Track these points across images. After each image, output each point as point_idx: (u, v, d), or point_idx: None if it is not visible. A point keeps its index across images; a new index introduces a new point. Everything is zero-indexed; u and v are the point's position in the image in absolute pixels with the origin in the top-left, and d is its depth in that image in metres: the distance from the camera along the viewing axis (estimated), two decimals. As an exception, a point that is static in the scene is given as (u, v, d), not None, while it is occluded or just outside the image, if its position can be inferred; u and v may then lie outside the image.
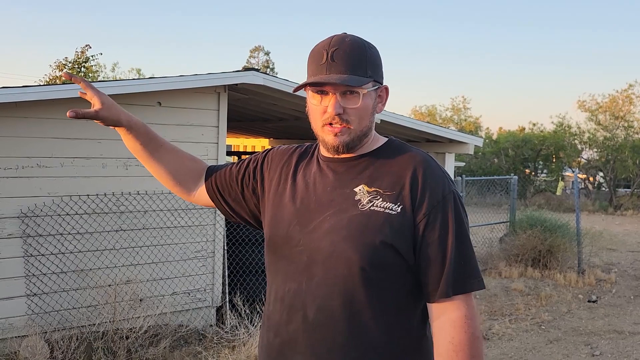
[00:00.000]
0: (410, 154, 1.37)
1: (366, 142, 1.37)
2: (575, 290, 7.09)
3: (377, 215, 1.28)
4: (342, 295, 1.28)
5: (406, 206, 1.29)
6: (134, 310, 4.58)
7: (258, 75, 5.06)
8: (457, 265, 1.28)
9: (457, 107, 28.12)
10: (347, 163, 1.37)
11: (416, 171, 1.31)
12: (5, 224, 4.12)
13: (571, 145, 20.28)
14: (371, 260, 1.27)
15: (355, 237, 1.28)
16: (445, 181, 1.33)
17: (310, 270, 1.31)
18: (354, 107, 1.30)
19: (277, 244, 1.39)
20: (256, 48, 42.08)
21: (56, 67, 15.94)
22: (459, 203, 1.34)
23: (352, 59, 1.29)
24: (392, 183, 1.31)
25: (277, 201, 1.43)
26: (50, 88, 4.62)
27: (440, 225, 1.29)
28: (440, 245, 1.29)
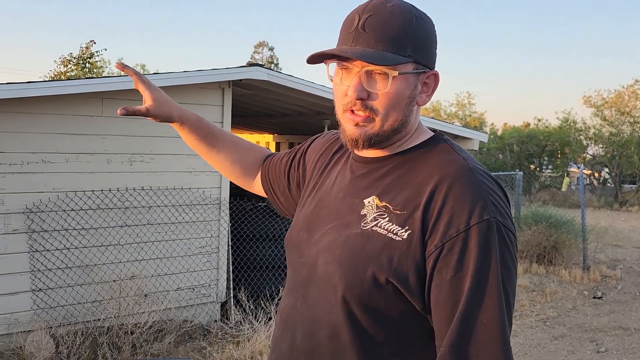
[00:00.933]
0: (443, 160, 1.03)
1: (402, 139, 1.08)
2: (580, 286, 7.07)
3: (378, 238, 1.00)
4: (329, 327, 1.05)
5: (415, 232, 0.97)
6: (139, 305, 4.59)
7: (262, 71, 5.05)
8: (466, 322, 0.93)
9: (461, 102, 28.05)
10: (371, 164, 1.10)
11: (440, 185, 0.98)
12: (11, 220, 4.14)
13: (576, 141, 20.19)
14: (358, 296, 1.00)
15: (347, 261, 1.02)
16: (480, 205, 0.95)
17: (307, 288, 1.10)
18: (381, 92, 1.01)
19: (289, 248, 1.20)
20: (260, 44, 42.05)
21: (61, 63, 15.96)
22: (497, 239, 0.95)
23: (388, 31, 0.99)
24: (407, 199, 1.01)
25: (303, 199, 1.25)
26: (54, 84, 4.63)
27: (457, 262, 0.94)
28: (453, 290, 0.94)
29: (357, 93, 1.01)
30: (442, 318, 0.96)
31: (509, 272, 0.96)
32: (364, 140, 1.04)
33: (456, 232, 0.94)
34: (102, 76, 15.74)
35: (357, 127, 1.04)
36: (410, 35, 1.01)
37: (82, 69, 15.95)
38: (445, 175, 1.00)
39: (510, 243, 0.97)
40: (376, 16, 1.00)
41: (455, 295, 0.94)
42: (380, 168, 1.08)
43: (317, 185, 1.22)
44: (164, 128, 4.80)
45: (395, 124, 1.04)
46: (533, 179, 20.03)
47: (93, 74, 16.17)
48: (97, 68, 16.87)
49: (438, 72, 1.08)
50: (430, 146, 1.07)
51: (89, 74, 15.92)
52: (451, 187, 0.98)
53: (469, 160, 1.03)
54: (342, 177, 1.15)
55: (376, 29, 1.00)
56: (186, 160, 4.94)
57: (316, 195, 1.20)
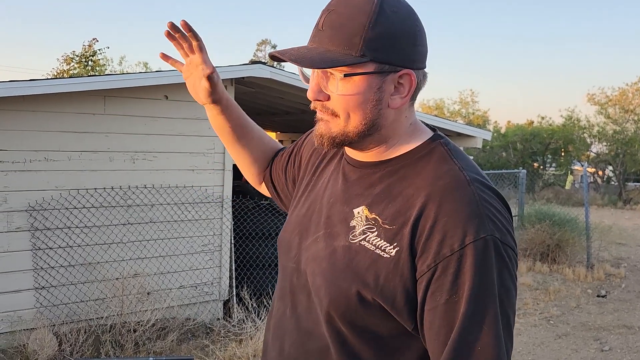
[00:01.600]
0: (440, 170, 0.94)
1: (385, 142, 0.99)
2: (584, 285, 7.04)
3: (365, 254, 0.93)
4: (319, 340, 0.99)
5: (403, 249, 0.90)
6: (142, 303, 4.59)
7: (265, 69, 5.03)
8: (460, 350, 0.86)
9: (465, 100, 27.98)
10: (363, 169, 1.03)
11: (431, 200, 0.90)
12: (14, 218, 4.14)
13: (580, 139, 20.15)
14: (343, 313, 0.94)
15: (332, 276, 0.96)
16: (476, 222, 0.87)
17: (296, 296, 1.05)
18: (335, 94, 0.94)
19: (279, 251, 1.14)
20: (263, 41, 42.03)
21: (64, 61, 16.00)
22: (494, 258, 0.87)
23: (342, 28, 0.91)
24: (396, 212, 0.93)
25: (296, 197, 1.19)
26: (57, 82, 4.63)
27: (452, 285, 0.86)
28: (447, 314, 0.87)
29: (314, 94, 0.97)
30: (436, 344, 0.89)
31: (508, 292, 0.89)
32: (327, 139, 0.98)
33: (450, 251, 0.87)
34: (104, 74, 15.76)
35: (322, 122, 0.98)
36: (365, 33, 0.90)
37: (84, 66, 15.99)
38: (438, 188, 0.91)
39: (509, 261, 0.89)
40: (336, 13, 0.93)
41: (450, 320, 0.87)
42: (372, 174, 1.00)
43: (310, 185, 1.16)
44: (166, 126, 4.80)
45: (361, 126, 0.95)
46: (536, 177, 19.99)
47: (96, 72, 16.19)
48: (99, 66, 16.89)
49: (412, 72, 0.95)
50: (425, 152, 0.99)
51: (92, 72, 15.94)
52: (443, 202, 0.89)
53: (465, 169, 0.94)
54: (334, 181, 1.08)
55: (332, 27, 0.92)
56: (189, 158, 4.93)
57: (309, 197, 1.13)
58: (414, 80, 0.95)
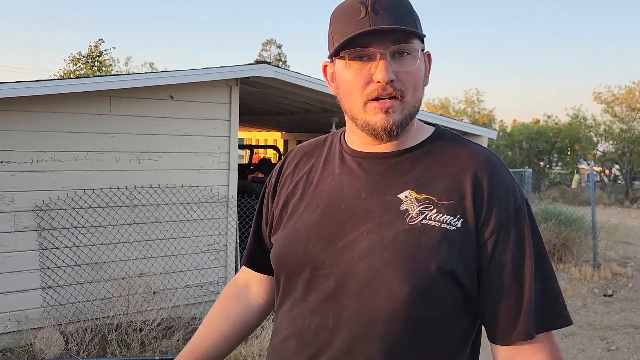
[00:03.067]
0: (469, 150, 1.05)
1: (410, 128, 1.06)
2: (590, 284, 7.01)
3: (432, 231, 0.97)
4: (382, 337, 0.97)
5: (469, 220, 0.98)
6: (147, 302, 4.61)
7: (270, 69, 5.05)
8: (541, 296, 1.00)
9: (470, 99, 27.90)
10: (386, 160, 1.05)
11: (480, 175, 1.01)
12: (21, 217, 4.17)
13: (586, 138, 20.05)
14: (424, 293, 0.96)
15: (404, 260, 0.96)
16: (516, 188, 1.03)
17: (339, 301, 1.00)
18: (410, 71, 0.99)
19: (291, 267, 1.07)
20: (268, 41, 42.07)
21: (70, 62, 16.05)
22: (531, 214, 1.04)
23: (399, 9, 0.98)
24: (448, 189, 1.00)
25: (289, 215, 1.12)
26: (63, 82, 4.65)
27: (515, 244, 0.99)
28: (516, 271, 0.99)
29: (388, 75, 0.96)
30: (507, 298, 0.99)
31: (541, 240, 1.05)
32: (397, 127, 1.00)
33: (507, 216, 0.99)
34: (110, 74, 15.82)
35: (387, 115, 0.99)
36: (414, 13, 1.01)
37: (91, 67, 16.04)
38: (480, 164, 1.03)
39: (531, 213, 1.05)
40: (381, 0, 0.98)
41: (519, 273, 0.99)
42: (399, 163, 1.04)
43: (307, 192, 1.11)
44: (172, 126, 4.81)
45: (417, 104, 1.03)
46: (542, 176, 19.92)
47: (102, 73, 16.25)
48: (105, 66, 16.95)
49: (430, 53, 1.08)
50: (441, 139, 1.08)
51: (98, 73, 16.00)
52: (492, 175, 1.02)
53: (485, 148, 1.09)
54: (352, 177, 1.06)
55: (389, 9, 0.97)
56: (194, 158, 4.95)
57: (315, 202, 1.08)
58: (431, 59, 1.08)
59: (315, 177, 1.12)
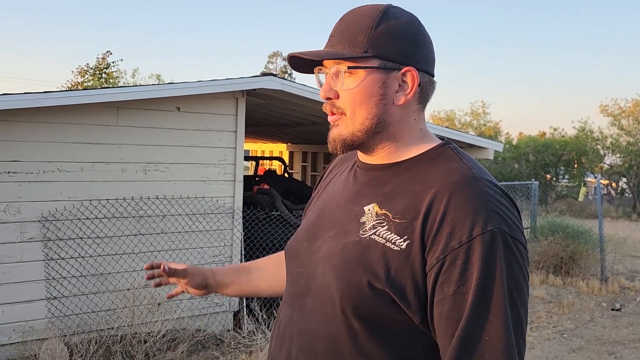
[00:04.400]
0: (447, 169, 0.98)
1: (394, 143, 1.05)
2: (598, 298, 6.95)
3: (376, 247, 0.96)
4: (327, 340, 1.00)
5: (414, 242, 0.93)
6: (152, 314, 4.60)
7: (276, 81, 5.07)
8: (468, 339, 0.88)
9: (476, 112, 27.90)
10: (372, 172, 1.08)
11: (439, 195, 0.94)
12: (27, 228, 4.18)
13: (593, 151, 19.98)
14: (355, 306, 0.96)
15: (342, 270, 0.99)
16: (484, 215, 0.90)
17: (304, 299, 1.06)
18: (342, 90, 1.02)
19: (287, 259, 1.17)
20: (274, 54, 42.31)
21: (78, 74, 16.20)
22: (502, 251, 0.89)
23: (348, 31, 1.01)
24: (407, 207, 0.96)
25: (308, 212, 1.24)
26: (71, 94, 4.68)
27: (460, 276, 0.89)
28: (455, 305, 0.89)
29: (324, 92, 1.05)
30: (445, 335, 0.91)
31: (519, 285, 0.90)
32: (340, 142, 1.05)
33: (458, 243, 0.89)
34: (117, 86, 15.93)
35: (333, 128, 1.06)
36: (368, 32, 1.00)
37: (98, 79, 16.17)
38: (446, 183, 0.95)
39: (519, 256, 0.91)
40: (345, 20, 1.04)
41: (458, 311, 0.89)
42: (383, 175, 1.05)
43: (318, 195, 1.22)
44: (178, 137, 4.83)
45: (367, 123, 1.02)
46: (549, 189, 19.83)
47: (109, 84, 16.38)
48: (113, 78, 17.09)
49: (415, 70, 1.01)
50: (435, 154, 1.03)
51: (106, 84, 16.12)
52: (452, 196, 0.93)
53: (474, 168, 0.98)
54: (345, 185, 1.13)
55: (341, 31, 1.03)
56: (200, 169, 4.96)
57: (317, 205, 1.18)
58: (416, 77, 1.02)
59: (332, 182, 1.21)
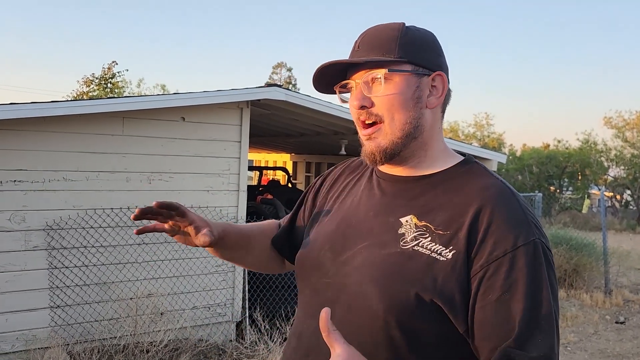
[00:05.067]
0: (483, 184, 1.02)
1: (424, 152, 1.08)
2: (602, 310, 6.91)
3: (421, 258, 0.98)
4: (363, 349, 0.97)
5: (460, 252, 0.96)
6: (155, 323, 4.60)
7: (280, 91, 5.10)
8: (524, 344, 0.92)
9: (480, 123, 27.92)
10: (401, 184, 1.09)
11: (483, 208, 0.97)
12: (31, 237, 4.20)
13: (597, 163, 19.95)
14: (400, 317, 0.96)
15: (385, 281, 0.98)
16: (524, 227, 0.96)
17: (333, 310, 1.02)
18: (379, 96, 1.04)
19: (304, 269, 1.14)
20: (279, 64, 42.53)
21: (83, 83, 16.30)
22: (543, 260, 0.95)
23: (376, 41, 1.06)
24: (449, 220, 0.99)
25: (318, 220, 1.21)
26: (77, 103, 4.72)
27: (504, 282, 0.92)
28: (498, 311, 0.93)
29: (358, 102, 1.05)
30: (488, 340, 0.94)
31: (556, 294, 0.97)
32: (380, 153, 1.06)
33: (503, 252, 0.94)
34: (123, 96, 16.02)
35: (370, 141, 1.07)
36: (398, 40, 1.05)
37: (104, 88, 16.27)
38: (488, 197, 0.99)
39: (553, 265, 0.99)
40: (368, 35, 1.09)
41: (502, 317, 0.92)
42: (414, 188, 1.07)
43: (335, 205, 1.19)
44: (183, 147, 4.86)
45: (405, 127, 1.05)
46: (553, 201, 19.78)
47: (114, 94, 16.47)
48: (118, 88, 17.19)
49: (444, 73, 1.08)
50: (464, 169, 1.07)
51: (111, 94, 16.22)
52: (496, 209, 0.97)
53: (506, 184, 1.04)
54: (370, 196, 1.12)
55: (367, 44, 1.07)
56: (204, 178, 4.98)
57: (336, 214, 1.16)
58: (446, 80, 1.08)
59: (346, 191, 1.20)
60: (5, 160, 4.07)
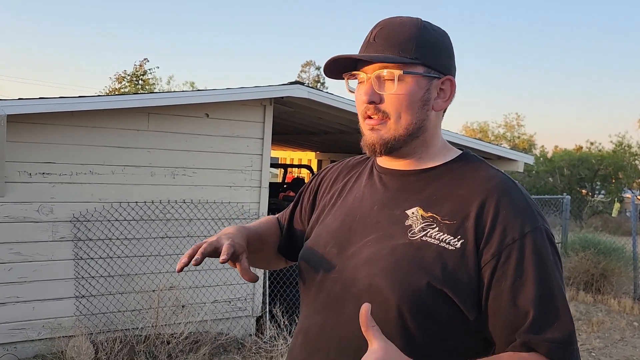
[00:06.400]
0: (485, 175, 1.06)
1: (425, 149, 1.11)
2: (630, 317, 6.74)
3: (430, 248, 1.00)
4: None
5: (468, 242, 0.99)
6: (176, 316, 4.68)
7: (303, 89, 5.12)
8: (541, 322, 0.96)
9: (510, 123, 27.51)
10: (404, 178, 1.12)
11: (488, 199, 1.01)
12: (59, 228, 4.32)
13: (631, 166, 19.45)
14: (413, 306, 0.99)
15: (396, 272, 1.00)
16: (529, 214, 1.01)
17: (342, 304, 1.06)
18: (390, 94, 1.05)
19: (309, 267, 1.15)
20: (307, 63, 42.64)
21: (116, 80, 16.64)
22: (548, 244, 1.00)
23: (394, 38, 1.06)
24: (455, 210, 1.02)
25: (321, 219, 1.22)
26: (104, 99, 4.83)
27: (516, 269, 0.96)
28: (513, 295, 0.97)
29: (368, 96, 1.06)
30: (504, 325, 0.98)
31: (562, 276, 1.02)
32: (380, 145, 1.08)
33: (512, 240, 0.97)
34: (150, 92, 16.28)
35: (372, 132, 1.08)
36: (416, 41, 1.06)
37: (135, 85, 16.58)
38: (492, 187, 1.03)
39: (554, 246, 1.02)
40: (385, 28, 1.08)
41: (517, 302, 0.96)
42: (417, 181, 1.10)
43: (338, 202, 1.20)
44: (206, 143, 4.93)
45: (410, 127, 1.07)
46: (583, 205, 19.36)
47: (145, 91, 16.76)
48: (149, 85, 17.50)
49: (453, 78, 1.11)
50: (463, 162, 1.11)
51: (142, 91, 16.50)
52: (501, 199, 1.01)
53: (504, 174, 1.08)
54: (372, 191, 1.14)
55: (384, 38, 1.07)
56: (227, 174, 5.04)
57: (339, 211, 1.17)
58: (454, 85, 1.11)
59: (347, 189, 1.22)
60: (34, 153, 4.19)
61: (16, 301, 4.17)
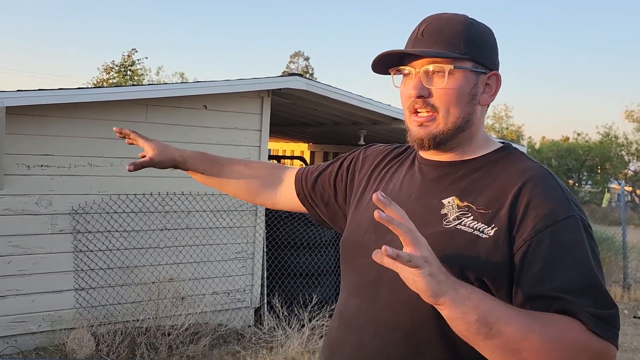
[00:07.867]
0: (522, 166, 1.07)
1: (469, 142, 1.13)
2: (620, 305, 6.87)
3: (462, 236, 1.03)
4: (406, 327, 1.05)
5: (501, 229, 1.00)
6: (176, 307, 4.69)
7: (301, 81, 5.13)
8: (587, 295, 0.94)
9: (498, 115, 27.69)
10: (443, 169, 1.14)
11: (523, 188, 1.02)
12: (58, 220, 4.30)
13: (618, 157, 19.71)
14: None
15: None
16: (563, 203, 1.01)
17: (377, 289, 1.10)
18: (440, 88, 1.07)
19: (350, 252, 1.20)
20: (296, 53, 42.48)
21: (104, 70, 16.48)
22: (584, 233, 0.99)
23: (442, 34, 1.08)
24: (490, 200, 1.04)
25: (360, 203, 1.26)
26: (104, 90, 4.81)
27: (547, 254, 0.96)
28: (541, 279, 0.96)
29: (417, 91, 1.08)
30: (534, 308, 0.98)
31: (599, 264, 0.99)
32: (429, 140, 1.09)
33: (544, 226, 0.97)
34: (143, 84, 16.14)
35: (421, 127, 1.10)
36: (463, 36, 1.08)
37: (123, 76, 16.43)
38: (528, 178, 1.04)
39: (593, 237, 1.01)
40: (432, 24, 1.10)
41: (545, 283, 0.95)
42: (454, 172, 1.12)
43: (378, 189, 1.23)
44: (204, 135, 4.92)
45: (458, 121, 1.09)
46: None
47: (134, 81, 16.61)
48: (137, 75, 17.34)
49: (499, 73, 1.13)
50: (503, 154, 1.12)
51: (130, 81, 16.36)
52: (535, 188, 1.02)
53: (545, 167, 1.09)
54: (411, 180, 1.18)
55: (432, 33, 1.09)
56: (225, 166, 5.04)
57: None
58: (500, 80, 1.14)
59: (387, 177, 1.25)
60: (32, 146, 4.16)
61: (16, 294, 4.16)
